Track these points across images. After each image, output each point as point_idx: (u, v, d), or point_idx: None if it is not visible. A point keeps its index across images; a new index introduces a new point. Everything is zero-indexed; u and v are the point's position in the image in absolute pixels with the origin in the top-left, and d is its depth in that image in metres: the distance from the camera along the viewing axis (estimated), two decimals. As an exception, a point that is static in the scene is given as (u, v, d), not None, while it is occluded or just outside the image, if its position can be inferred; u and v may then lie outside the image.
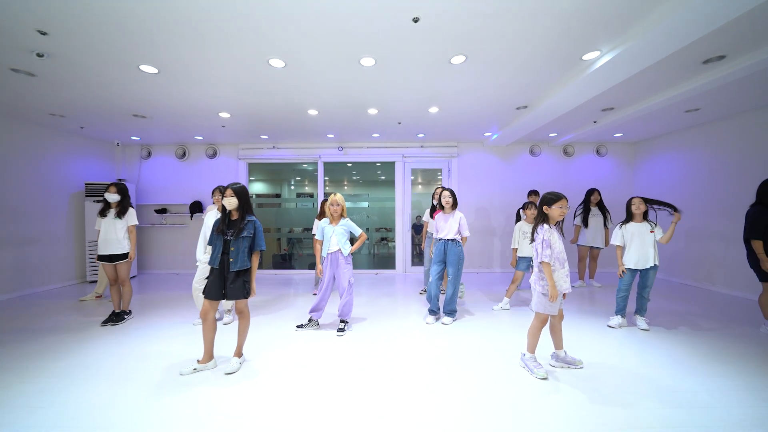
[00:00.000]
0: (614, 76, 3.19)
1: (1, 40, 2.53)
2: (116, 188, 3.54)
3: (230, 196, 2.43)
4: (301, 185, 12.43)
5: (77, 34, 2.48)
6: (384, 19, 2.36)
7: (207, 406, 2.02)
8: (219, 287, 2.41)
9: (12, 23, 2.32)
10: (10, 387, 2.24)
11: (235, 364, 2.48)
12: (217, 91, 3.64)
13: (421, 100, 3.99)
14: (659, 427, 1.82)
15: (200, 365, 2.47)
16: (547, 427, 1.82)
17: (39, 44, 2.59)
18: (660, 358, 2.67)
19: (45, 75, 3.17)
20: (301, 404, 2.05)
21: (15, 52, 2.72)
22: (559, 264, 2.35)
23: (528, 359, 2.45)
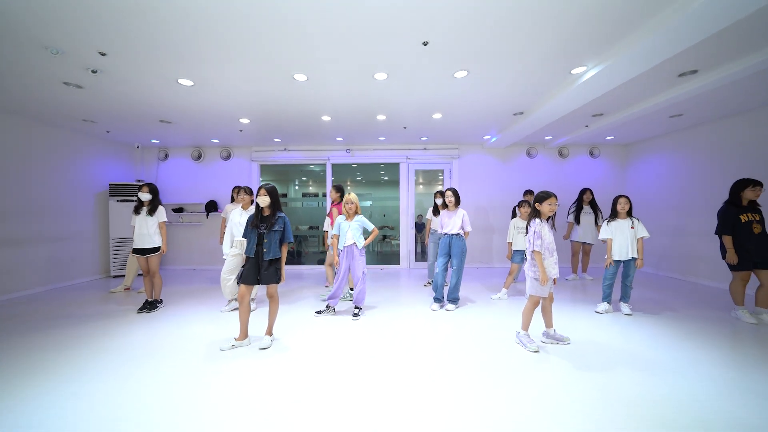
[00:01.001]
0: (600, 87, 3.56)
1: (65, 59, 2.90)
2: (148, 188, 3.90)
3: (263, 195, 2.80)
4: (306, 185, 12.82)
5: (131, 53, 2.84)
6: (398, 42, 2.73)
7: (249, 375, 2.39)
8: (254, 274, 2.78)
9: (79, 45, 2.68)
10: (77, 362, 2.60)
11: (267, 341, 2.85)
12: (243, 100, 4.01)
13: (426, 107, 4.37)
14: (629, 385, 2.20)
15: (237, 342, 2.84)
16: (538, 389, 2.20)
17: (96, 63, 2.96)
18: (639, 336, 3.04)
19: (92, 87, 3.54)
20: (326, 375, 2.42)
21: (73, 69, 3.09)
22: (549, 253, 2.72)
23: (522, 336, 2.83)
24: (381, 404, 2.01)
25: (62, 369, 2.46)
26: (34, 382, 2.28)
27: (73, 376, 2.36)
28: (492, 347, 2.84)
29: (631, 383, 2.22)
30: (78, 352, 2.76)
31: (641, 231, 3.64)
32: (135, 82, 3.42)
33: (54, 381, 2.29)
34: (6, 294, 4.49)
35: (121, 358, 2.65)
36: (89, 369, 2.46)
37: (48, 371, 2.43)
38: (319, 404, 2.01)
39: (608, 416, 1.87)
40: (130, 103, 4.09)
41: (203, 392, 2.15)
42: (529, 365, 2.51)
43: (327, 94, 3.82)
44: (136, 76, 3.30)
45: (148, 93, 3.74)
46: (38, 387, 2.21)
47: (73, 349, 2.80)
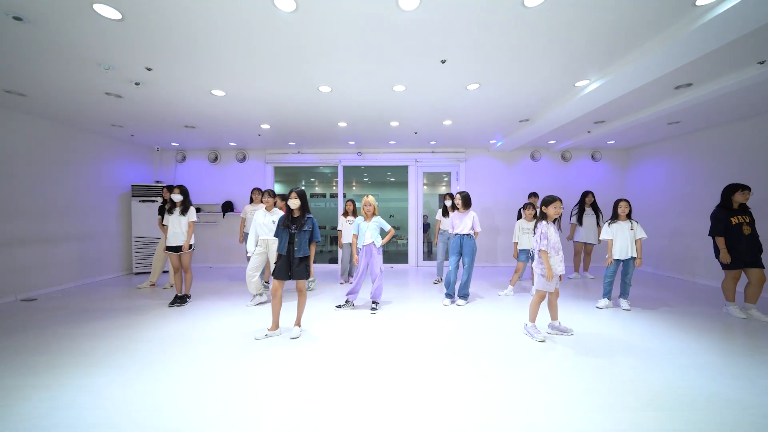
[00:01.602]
0: (601, 99, 3.83)
1: (113, 74, 3.18)
2: (179, 190, 4.17)
3: (294, 198, 3.07)
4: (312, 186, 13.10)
5: (174, 67, 3.12)
6: (420, 60, 3.00)
7: (284, 362, 2.67)
8: (286, 270, 3.06)
9: (130, 61, 2.96)
10: (125, 350, 2.88)
11: (297, 331, 3.13)
12: (267, 108, 4.29)
13: (437, 115, 4.64)
14: (628, 369, 2.47)
15: (270, 332, 3.11)
16: (546, 372, 2.47)
17: (141, 77, 3.24)
18: (637, 329, 3.31)
19: (130, 97, 3.82)
20: (354, 361, 2.70)
21: (118, 82, 3.37)
22: (554, 251, 2.99)
23: (529, 327, 3.10)
24: (406, 386, 2.28)
25: (109, 356, 2.74)
26: (80, 369, 2.56)
27: (120, 362, 2.64)
28: (502, 337, 3.11)
29: (630, 368, 2.50)
30: (120, 342, 3.04)
31: (639, 232, 3.91)
32: (172, 92, 3.70)
33: (101, 367, 2.57)
34: (43, 288, 4.78)
35: (161, 347, 2.92)
36: (134, 357, 2.74)
37: (94, 358, 2.71)
38: (350, 387, 2.29)
39: (610, 394, 2.15)
40: (161, 111, 4.37)
41: (246, 377, 2.43)
42: (537, 352, 2.78)
43: (347, 103, 4.10)
44: (174, 87, 3.57)
45: (180, 102, 4.02)
46: (85, 372, 2.49)
47: (115, 339, 3.08)
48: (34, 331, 3.25)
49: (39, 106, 4.16)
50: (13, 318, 3.66)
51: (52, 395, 2.14)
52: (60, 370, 2.46)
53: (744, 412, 1.96)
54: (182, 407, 2.02)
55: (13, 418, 1.91)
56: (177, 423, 1.88)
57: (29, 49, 2.73)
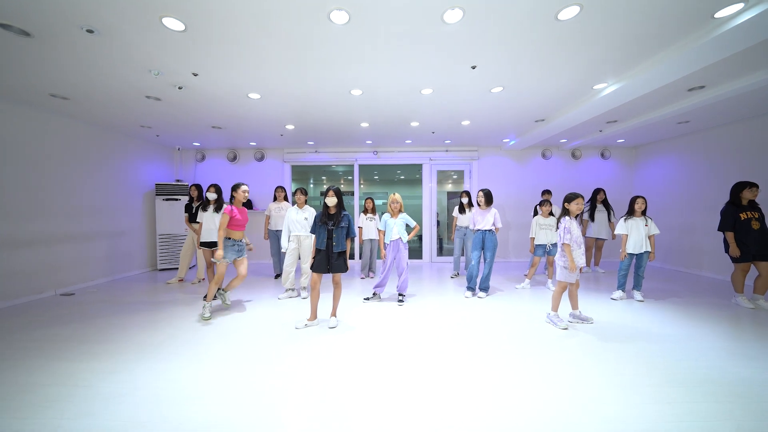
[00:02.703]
0: (617, 101, 4.02)
1: (159, 79, 3.37)
2: (214, 188, 4.38)
3: (332, 196, 3.27)
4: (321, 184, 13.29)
5: (219, 72, 3.30)
6: (451, 66, 3.19)
7: (328, 348, 2.89)
8: (325, 264, 3.26)
9: (178, 66, 3.14)
10: (176, 338, 3.09)
11: (334, 321, 3.33)
12: (296, 110, 4.48)
13: (458, 115, 4.83)
14: (648, 352, 2.68)
15: (309, 322, 3.32)
16: (572, 356, 2.68)
17: (185, 81, 3.43)
18: (651, 317, 3.53)
19: (169, 100, 4.00)
20: (390, 348, 2.91)
21: (162, 86, 3.56)
22: (576, 245, 3.20)
23: (552, 316, 3.31)
24: (441, 373, 2.49)
25: (163, 345, 2.95)
26: (142, 355, 2.77)
27: (174, 349, 2.85)
28: (525, 325, 3.32)
29: (648, 351, 2.71)
30: (172, 330, 3.25)
31: (653, 229, 4.12)
32: (210, 95, 3.89)
33: (161, 353, 2.78)
34: (78, 284, 4.99)
35: (211, 335, 3.14)
36: (190, 342, 2.95)
37: (154, 344, 2.92)
38: (390, 375, 2.50)
39: (633, 374, 2.36)
40: (195, 112, 4.56)
41: (293, 365, 2.64)
42: (562, 339, 2.99)
43: (374, 105, 4.29)
44: (213, 91, 3.76)
45: (215, 104, 4.21)
46: (146, 358, 2.71)
47: (166, 328, 3.29)
48: (87, 322, 3.46)
49: (80, 109, 4.35)
50: (61, 310, 3.87)
51: (123, 378, 2.35)
52: (124, 357, 2.67)
53: (760, 387, 2.17)
54: (239, 391, 2.24)
55: (96, 397, 2.13)
56: (241, 405, 2.09)
57: (87, 57, 2.92)
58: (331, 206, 3.31)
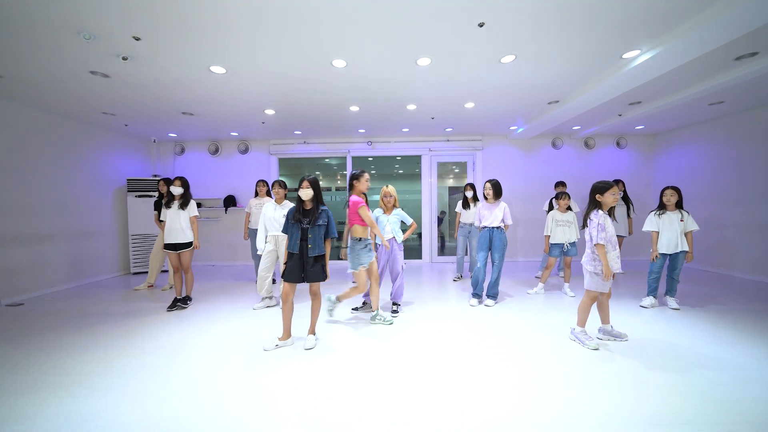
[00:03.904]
0: (649, 73, 3.38)
1: (96, 46, 2.76)
2: (180, 182, 3.78)
3: (306, 187, 2.67)
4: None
5: (165, 37, 2.69)
6: (451, 23, 2.57)
7: (299, 378, 2.29)
8: (298, 271, 2.66)
9: (113, 29, 2.53)
10: (116, 362, 2.50)
11: (312, 341, 2.74)
12: (272, 89, 3.85)
13: (461, 96, 4.20)
14: (709, 386, 2.07)
15: (281, 342, 2.73)
16: (610, 387, 2.08)
17: (129, 49, 2.82)
18: (694, 331, 2.92)
19: (118, 76, 3.39)
20: (379, 376, 2.31)
21: (103, 57, 2.95)
22: (612, 246, 2.59)
23: (578, 333, 2.71)
24: (441, 409, 1.90)
25: (98, 373, 2.36)
26: (64, 390, 2.18)
27: (110, 381, 2.26)
28: (545, 344, 2.72)
29: (708, 381, 2.11)
30: (113, 353, 2.66)
31: (691, 224, 3.50)
32: (164, 69, 3.27)
33: (88, 388, 2.19)
34: (31, 292, 4.40)
35: (157, 359, 2.54)
36: (126, 374, 2.36)
37: (82, 373, 2.33)
38: (377, 411, 1.91)
39: (692, 412, 1.76)
40: (155, 94, 3.95)
41: (254, 396, 2.04)
42: (593, 363, 2.39)
43: (363, 82, 3.67)
44: (166, 63, 3.15)
45: (176, 82, 3.59)
46: (70, 394, 2.12)
47: (107, 350, 2.71)
48: (17, 343, 2.88)
49: (18, 89, 3.74)
50: None
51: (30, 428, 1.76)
52: (43, 394, 2.08)
53: None
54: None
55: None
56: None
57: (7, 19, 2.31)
58: (306, 200, 2.71)
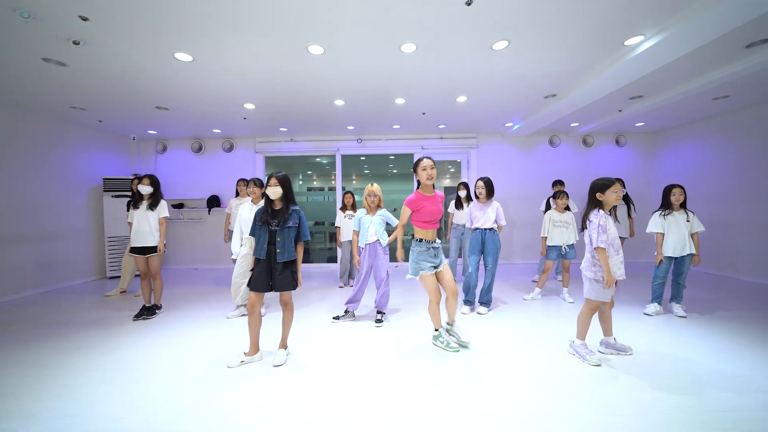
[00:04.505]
0: (653, 62, 3.14)
1: (40, 28, 2.47)
2: (149, 180, 3.49)
3: (274, 185, 2.39)
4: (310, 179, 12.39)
5: (118, 19, 2.42)
6: (433, 3, 2.31)
7: (263, 400, 2.01)
8: (266, 279, 2.38)
9: (55, 8, 2.25)
10: (56, 381, 2.22)
11: (282, 356, 2.46)
12: (248, 80, 3.58)
13: (452, 88, 3.94)
14: (728, 410, 1.81)
15: (247, 358, 2.45)
16: (615, 410, 1.81)
17: (78, 31, 2.53)
18: (704, 343, 2.66)
19: (76, 64, 3.11)
20: (356, 398, 2.04)
21: (51, 41, 2.66)
22: (614, 250, 2.32)
23: (578, 346, 2.44)
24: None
25: (48, 389, 2.08)
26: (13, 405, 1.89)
27: (56, 401, 1.98)
28: (542, 358, 2.45)
29: (726, 407, 1.84)
30: (61, 369, 2.37)
31: (697, 225, 3.26)
32: (123, 56, 2.99)
33: (38, 405, 1.90)
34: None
35: (112, 377, 2.26)
36: (76, 391, 2.07)
37: (32, 391, 2.04)
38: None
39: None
40: (122, 86, 3.66)
41: (206, 423, 1.76)
42: (595, 382, 2.12)
43: (344, 71, 3.39)
44: (124, 49, 2.86)
45: (141, 71, 3.31)
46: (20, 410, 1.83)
47: (53, 366, 2.42)
48: (-46, 358, 2.58)
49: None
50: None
51: None
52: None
53: None
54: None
55: None
56: None
57: None
58: (275, 199, 2.43)
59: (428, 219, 2.55)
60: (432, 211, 2.54)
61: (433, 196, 2.58)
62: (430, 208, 2.54)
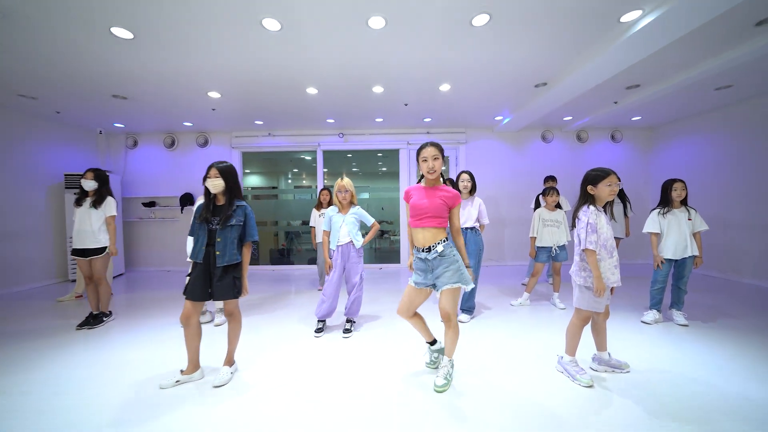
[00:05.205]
0: (652, 43, 2.83)
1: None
2: (93, 174, 3.14)
3: (215, 176, 2.06)
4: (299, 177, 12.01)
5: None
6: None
7: (190, 430, 1.67)
8: (204, 285, 2.04)
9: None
10: (-44, 407, 1.87)
11: (225, 375, 2.11)
12: (202, 62, 3.22)
13: (433, 75, 3.61)
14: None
15: (184, 377, 2.11)
16: (610, 450, 1.49)
17: None
18: (710, 358, 2.34)
19: (5, 44, 2.75)
20: (301, 424, 1.70)
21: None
22: (607, 252, 2.00)
23: (567, 363, 2.11)
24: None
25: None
26: None
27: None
28: (526, 376, 2.13)
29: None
30: (-35, 393, 2.02)
31: (700, 224, 2.95)
32: (56, 32, 2.63)
33: None
34: (-74, 305, 3.73)
35: (27, 403, 1.91)
36: (-37, 425, 1.72)
37: None
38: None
39: None
40: (62, 67, 3.28)
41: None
42: (587, 407, 1.79)
43: (309, 52, 3.05)
44: (55, 24, 2.51)
45: (79, 51, 2.94)
46: None
47: (-40, 389, 2.06)
48: None
49: None
50: None
51: None
52: None
53: None
54: None
55: None
56: None
57: None
58: (217, 193, 2.10)
59: (413, 214, 2.00)
60: (418, 206, 1.95)
61: (430, 188, 2.01)
62: (416, 202, 1.97)
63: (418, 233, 1.98)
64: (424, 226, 1.95)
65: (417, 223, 1.97)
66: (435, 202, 1.94)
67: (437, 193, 1.98)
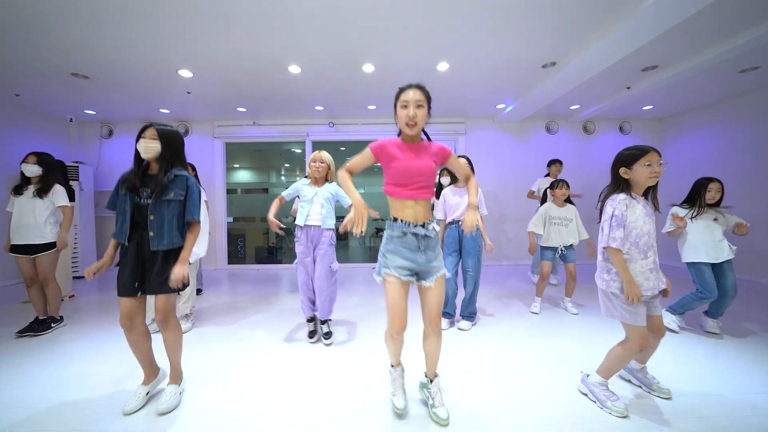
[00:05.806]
0: (675, 13, 2.46)
1: None
2: (36, 158, 2.73)
3: (152, 137, 1.65)
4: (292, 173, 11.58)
5: None
6: None
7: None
8: (133, 276, 1.63)
9: None
10: None
11: (171, 397, 1.69)
12: (169, 37, 2.81)
13: (429, 49, 3.21)
14: None
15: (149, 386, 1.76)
16: None
17: None
18: (754, 377, 1.97)
19: None
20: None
21: None
22: (639, 252, 1.61)
23: (596, 385, 1.72)
24: None
25: None
26: None
27: None
28: (540, 397, 1.75)
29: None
30: None
31: (732, 219, 2.60)
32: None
33: None
34: None
35: None
36: None
37: None
38: None
39: None
40: (13, 41, 2.86)
41: None
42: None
43: (284, 16, 2.63)
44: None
45: (22, 19, 2.53)
46: None
47: None
48: None
49: None
50: None
51: None
52: None
53: None
54: None
55: None
56: None
57: None
58: (150, 159, 1.68)
59: (400, 181, 1.49)
60: (407, 167, 1.47)
61: (418, 145, 1.54)
62: (406, 163, 1.48)
63: (408, 206, 1.49)
64: (417, 198, 1.49)
65: (409, 194, 1.48)
66: (428, 164, 1.50)
67: (425, 151, 1.54)
